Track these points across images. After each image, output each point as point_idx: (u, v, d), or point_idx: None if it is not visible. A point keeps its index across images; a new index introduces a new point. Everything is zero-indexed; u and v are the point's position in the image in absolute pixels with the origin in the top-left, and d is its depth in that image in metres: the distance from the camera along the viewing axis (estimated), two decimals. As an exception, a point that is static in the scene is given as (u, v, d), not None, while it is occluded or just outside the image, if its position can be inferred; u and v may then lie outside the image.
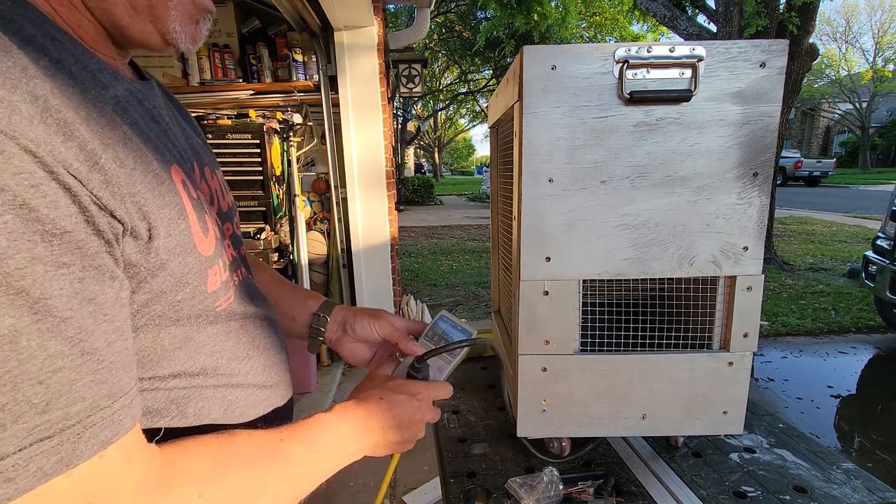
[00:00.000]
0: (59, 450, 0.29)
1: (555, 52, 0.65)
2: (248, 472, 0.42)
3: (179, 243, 0.41)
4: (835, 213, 10.45)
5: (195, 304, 0.44)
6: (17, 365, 0.28)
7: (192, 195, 0.46)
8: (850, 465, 0.81)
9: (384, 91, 3.12)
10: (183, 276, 0.42)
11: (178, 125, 0.52)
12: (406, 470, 2.27)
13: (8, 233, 0.27)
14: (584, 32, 14.53)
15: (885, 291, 3.50)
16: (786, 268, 5.81)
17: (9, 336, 0.27)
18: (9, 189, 0.27)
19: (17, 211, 0.28)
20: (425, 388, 0.59)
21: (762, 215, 0.69)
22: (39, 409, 0.29)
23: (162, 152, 0.43)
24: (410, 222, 10.77)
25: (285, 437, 0.47)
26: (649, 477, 0.80)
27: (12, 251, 0.27)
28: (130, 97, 0.43)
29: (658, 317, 0.78)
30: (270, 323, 0.58)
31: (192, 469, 0.38)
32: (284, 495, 0.45)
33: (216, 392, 0.48)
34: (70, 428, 0.30)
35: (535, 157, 0.68)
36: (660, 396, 0.76)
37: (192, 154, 0.52)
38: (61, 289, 0.30)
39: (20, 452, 0.28)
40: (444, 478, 0.82)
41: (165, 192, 0.40)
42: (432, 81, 18.99)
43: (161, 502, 0.36)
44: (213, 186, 0.55)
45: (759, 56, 0.65)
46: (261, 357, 0.55)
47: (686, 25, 5.84)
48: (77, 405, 0.30)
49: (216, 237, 0.48)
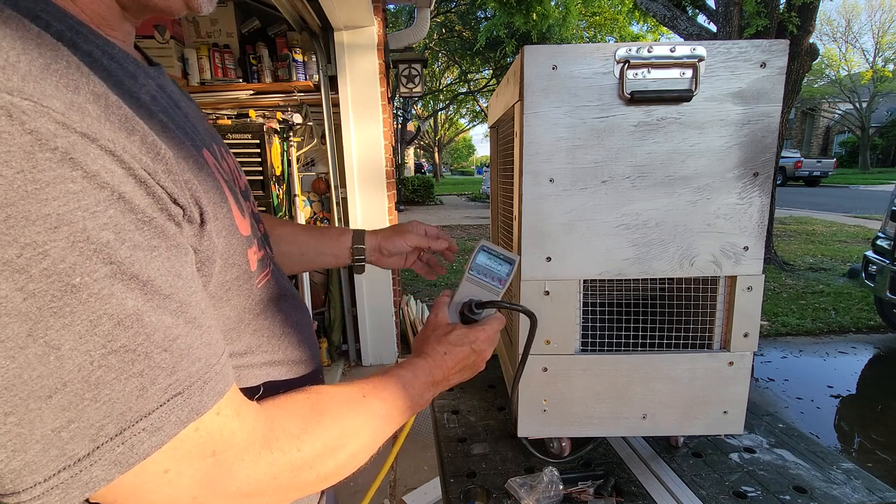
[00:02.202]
0: (190, 402, 0.34)
1: (555, 52, 0.65)
2: (338, 425, 0.46)
3: (225, 226, 0.43)
4: (835, 213, 10.46)
5: (241, 283, 0.46)
6: (146, 339, 0.32)
7: (226, 178, 0.47)
8: (850, 465, 0.81)
9: (384, 91, 3.11)
10: (230, 256, 0.44)
11: (189, 107, 0.52)
12: (406, 470, 2.27)
13: (113, 226, 0.31)
14: (584, 32, 14.52)
15: (885, 291, 3.51)
16: (786, 268, 5.81)
17: (135, 315, 0.32)
18: (107, 186, 0.30)
19: (117, 205, 0.31)
20: (482, 332, 0.63)
21: (762, 215, 0.69)
22: (169, 372, 0.33)
23: (192, 138, 0.44)
24: (410, 222, 10.75)
25: (367, 393, 0.50)
26: (649, 477, 0.80)
27: (119, 242, 0.31)
28: (153, 84, 0.43)
29: (658, 317, 0.78)
30: (296, 299, 0.61)
31: (289, 427, 0.42)
32: (368, 444, 0.49)
33: (261, 370, 0.51)
34: (195, 384, 0.35)
35: (535, 157, 0.68)
36: (660, 396, 0.76)
37: (207, 135, 0.52)
38: (158, 269, 0.33)
39: (162, 407, 0.33)
40: (444, 478, 0.82)
41: (207, 177, 0.42)
42: (432, 81, 18.99)
43: (266, 456, 0.39)
44: (232, 166, 0.56)
45: (759, 56, 0.65)
46: (294, 333, 0.57)
47: (686, 25, 5.84)
48: (196, 365, 0.35)
49: (250, 216, 0.50)
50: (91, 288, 0.30)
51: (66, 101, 0.29)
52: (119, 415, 0.31)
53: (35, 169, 0.27)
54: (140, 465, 0.33)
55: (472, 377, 0.64)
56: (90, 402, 0.30)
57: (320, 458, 0.43)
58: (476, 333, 0.62)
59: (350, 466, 0.47)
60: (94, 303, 0.30)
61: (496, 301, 0.65)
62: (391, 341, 3.39)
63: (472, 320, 0.65)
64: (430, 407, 1.07)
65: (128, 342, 0.31)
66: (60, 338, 0.29)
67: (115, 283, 0.31)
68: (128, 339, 0.31)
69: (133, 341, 0.32)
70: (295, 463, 0.41)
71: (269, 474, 0.40)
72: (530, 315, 0.67)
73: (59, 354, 0.29)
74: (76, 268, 0.29)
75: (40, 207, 0.28)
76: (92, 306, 0.30)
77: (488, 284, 0.65)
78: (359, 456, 0.48)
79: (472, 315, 0.64)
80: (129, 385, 0.32)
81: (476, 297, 0.65)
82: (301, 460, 0.42)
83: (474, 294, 0.65)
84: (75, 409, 0.30)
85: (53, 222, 0.28)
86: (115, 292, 0.31)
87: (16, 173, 0.27)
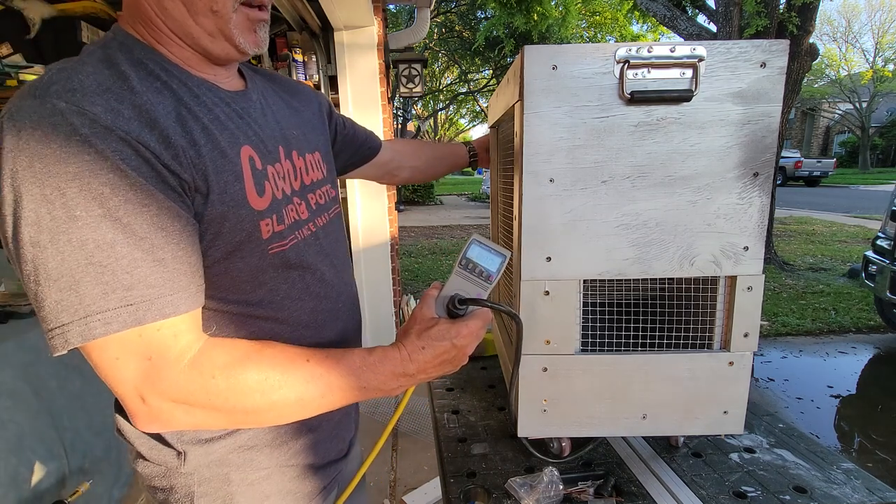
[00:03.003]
0: (136, 312, 0.48)
1: (556, 52, 0.65)
2: (261, 373, 0.54)
3: (233, 199, 0.56)
4: (835, 213, 10.45)
5: (252, 246, 0.59)
6: (115, 261, 0.47)
7: (258, 167, 0.61)
8: (850, 465, 0.81)
9: (384, 91, 3.11)
10: (238, 223, 0.57)
11: (273, 119, 0.68)
12: (406, 470, 2.27)
13: (110, 185, 0.47)
14: (583, 32, 14.51)
15: (885, 291, 3.50)
16: (786, 268, 5.81)
17: (111, 244, 0.47)
18: (109, 159, 0.47)
19: (116, 172, 0.47)
20: (465, 327, 0.62)
21: (763, 215, 0.69)
22: (126, 287, 0.47)
23: (237, 137, 0.59)
24: (410, 222, 10.77)
25: (312, 359, 0.57)
26: (649, 477, 0.80)
27: (112, 195, 0.47)
28: (220, 102, 0.60)
29: (659, 317, 0.78)
30: (329, 279, 0.72)
31: (216, 359, 0.53)
32: (294, 400, 0.55)
33: (265, 323, 0.63)
34: (145, 302, 0.48)
35: (535, 157, 0.68)
36: (660, 396, 0.76)
37: (280, 140, 0.67)
38: (143, 220, 0.48)
39: (116, 310, 0.47)
40: (444, 478, 0.82)
41: (226, 163, 0.56)
42: (432, 81, 18.98)
43: (190, 372, 0.51)
44: (298, 165, 0.70)
45: (759, 56, 0.65)
46: (311, 301, 0.68)
47: (686, 25, 5.84)
48: (150, 290, 0.49)
49: (273, 198, 0.62)
50: (85, 220, 0.46)
51: (106, 108, 0.48)
52: (87, 305, 0.46)
53: (66, 144, 0.45)
54: (99, 346, 0.48)
55: (454, 370, 0.65)
56: (73, 292, 0.46)
57: (234, 393, 0.53)
58: (458, 329, 0.62)
59: (272, 412, 0.56)
60: (85, 230, 0.46)
61: (480, 299, 0.64)
62: (391, 341, 3.39)
63: (457, 315, 0.64)
64: (430, 407, 1.07)
65: (102, 260, 0.46)
66: (64, 246, 0.46)
67: (103, 220, 0.46)
68: (103, 257, 0.46)
69: (106, 260, 0.47)
70: (209, 387, 0.52)
71: (188, 389, 0.51)
72: (515, 317, 0.67)
73: (63, 257, 0.46)
74: (79, 205, 0.46)
75: (65, 167, 0.45)
76: (83, 231, 0.46)
77: (477, 279, 0.65)
78: (284, 409, 0.56)
79: (457, 310, 0.64)
80: (97, 289, 0.47)
81: (464, 291, 0.64)
82: (215, 387, 0.52)
83: (462, 288, 0.65)
84: (66, 292, 0.46)
85: (71, 176, 0.45)
86: (101, 226, 0.46)
87: (56, 146, 0.45)
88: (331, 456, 0.75)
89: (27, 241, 0.46)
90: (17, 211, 0.46)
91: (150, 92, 0.52)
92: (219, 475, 0.64)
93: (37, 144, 0.45)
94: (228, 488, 0.64)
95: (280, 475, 0.68)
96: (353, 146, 0.96)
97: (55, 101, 0.46)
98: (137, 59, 0.55)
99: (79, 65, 0.50)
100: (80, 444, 1.67)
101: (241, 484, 0.65)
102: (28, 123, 0.45)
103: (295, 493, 0.69)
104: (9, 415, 1.45)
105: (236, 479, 0.64)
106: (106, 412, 1.80)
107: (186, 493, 0.63)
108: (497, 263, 0.65)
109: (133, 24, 0.57)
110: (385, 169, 1.05)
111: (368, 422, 1.17)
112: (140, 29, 0.57)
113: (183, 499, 0.63)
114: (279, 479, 0.67)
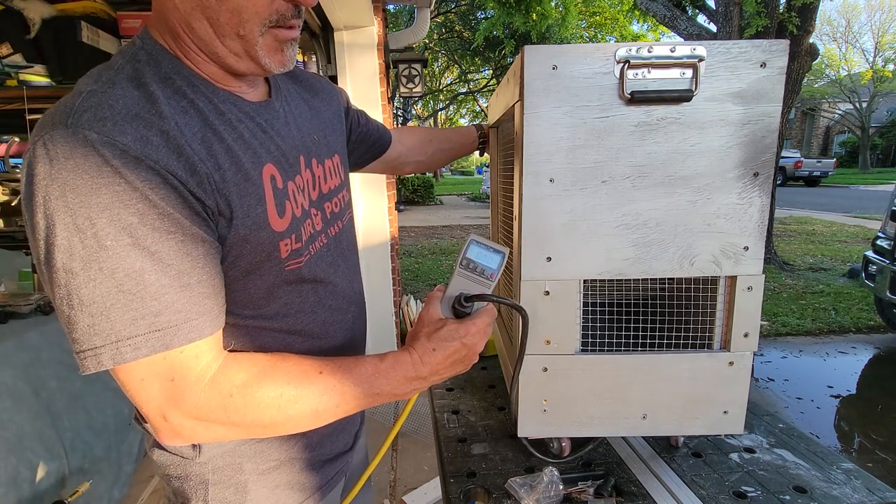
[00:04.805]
0: (164, 338, 0.50)
1: (556, 52, 0.65)
2: (277, 388, 0.56)
3: (255, 222, 0.58)
4: (835, 213, 10.45)
5: (271, 265, 0.61)
6: (143, 288, 0.49)
7: (279, 186, 0.62)
8: (850, 465, 0.81)
9: (384, 91, 3.11)
10: (258, 244, 0.59)
11: (296, 127, 0.69)
12: (406, 470, 2.27)
13: (139, 215, 0.48)
14: (583, 32, 14.51)
15: (885, 291, 3.51)
16: (786, 268, 5.81)
17: (140, 272, 0.49)
18: (139, 189, 0.48)
19: (144, 202, 0.48)
20: (473, 325, 0.63)
21: (763, 215, 0.69)
22: (154, 314, 0.50)
23: (260, 156, 0.60)
24: (410, 222, 10.76)
25: (325, 370, 0.59)
26: (649, 477, 0.80)
27: (140, 224, 0.48)
28: (244, 116, 0.61)
29: (658, 317, 0.78)
30: (340, 290, 0.73)
31: (234, 377, 0.55)
32: (310, 413, 0.58)
33: (279, 335, 0.65)
34: (171, 327, 0.50)
35: (536, 157, 0.68)
36: (660, 396, 0.76)
37: (301, 149, 0.68)
38: (169, 246, 0.50)
39: (145, 335, 0.49)
40: (444, 478, 0.82)
41: (249, 186, 0.58)
42: (432, 81, 18.98)
43: (209, 391, 0.53)
44: (318, 173, 0.71)
45: (759, 56, 0.65)
46: (323, 313, 0.70)
47: (686, 25, 5.84)
48: (177, 315, 0.51)
49: (293, 217, 0.63)
50: (115, 249, 0.48)
51: (136, 136, 0.49)
52: (118, 330, 0.49)
53: (98, 175, 0.47)
54: (127, 370, 0.50)
55: (466, 370, 0.66)
56: (104, 317, 0.48)
57: (252, 409, 0.55)
58: (467, 327, 0.63)
59: (289, 425, 0.58)
60: (115, 259, 0.48)
61: (485, 294, 0.64)
62: (391, 341, 3.39)
63: (463, 313, 0.65)
64: (430, 407, 1.07)
65: (132, 287, 0.49)
66: (95, 274, 0.47)
67: (132, 250, 0.48)
68: (132, 285, 0.48)
69: (135, 288, 0.49)
70: (227, 405, 0.54)
71: (208, 407, 0.54)
72: (520, 310, 0.67)
73: (95, 284, 0.48)
74: (109, 235, 0.47)
75: (96, 198, 0.47)
76: (114, 261, 0.48)
77: (479, 278, 0.65)
78: (300, 421, 0.58)
79: (463, 308, 0.64)
80: (127, 315, 0.49)
81: (467, 290, 0.65)
82: (233, 405, 0.54)
83: (465, 288, 0.65)
84: (97, 318, 0.48)
85: (102, 207, 0.47)
86: (130, 255, 0.48)
87: (88, 177, 0.47)
88: (338, 448, 0.77)
89: (60, 267, 0.47)
90: (49, 237, 0.47)
91: (177, 114, 0.53)
92: (232, 464, 0.66)
93: (69, 175, 0.46)
94: (241, 476, 0.66)
95: (290, 466, 0.70)
96: (366, 143, 0.96)
97: (87, 132, 0.47)
98: (165, 75, 0.56)
99: (109, 87, 0.51)
100: (80, 444, 1.68)
101: (253, 473, 0.67)
102: (60, 153, 0.46)
103: (303, 483, 0.71)
104: (9, 415, 1.45)
105: (249, 469, 0.67)
106: (106, 412, 1.80)
107: (201, 481, 0.66)
108: (497, 261, 0.65)
109: (161, 33, 0.58)
110: (391, 165, 1.06)
111: (368, 421, 1.17)
112: (168, 40, 0.58)
113: (197, 486, 0.66)
114: (289, 469, 0.70)
